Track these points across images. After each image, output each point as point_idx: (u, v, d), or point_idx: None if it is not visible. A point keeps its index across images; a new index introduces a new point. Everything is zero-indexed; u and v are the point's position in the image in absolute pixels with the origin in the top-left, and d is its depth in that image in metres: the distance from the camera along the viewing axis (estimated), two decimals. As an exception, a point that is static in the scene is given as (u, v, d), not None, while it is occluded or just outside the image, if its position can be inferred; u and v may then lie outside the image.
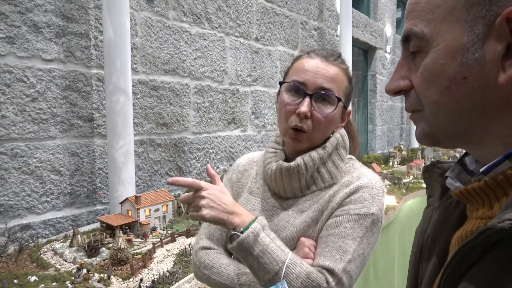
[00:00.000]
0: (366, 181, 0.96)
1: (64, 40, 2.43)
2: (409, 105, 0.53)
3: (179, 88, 3.23)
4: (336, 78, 0.96)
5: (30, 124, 2.30)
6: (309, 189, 0.99)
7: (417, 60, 0.50)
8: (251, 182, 1.10)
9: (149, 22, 2.96)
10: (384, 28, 7.34)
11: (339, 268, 0.86)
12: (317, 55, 0.99)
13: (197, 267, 1.01)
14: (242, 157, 1.18)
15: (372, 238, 0.93)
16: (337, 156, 1.01)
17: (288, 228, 0.96)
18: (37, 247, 1.92)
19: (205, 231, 1.07)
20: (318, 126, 0.96)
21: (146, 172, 3.00)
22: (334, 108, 0.96)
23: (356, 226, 0.91)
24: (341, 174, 1.00)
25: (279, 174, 0.98)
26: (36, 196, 2.35)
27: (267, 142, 4.28)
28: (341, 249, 0.88)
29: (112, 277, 1.53)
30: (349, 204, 0.93)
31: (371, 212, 0.93)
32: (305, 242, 0.93)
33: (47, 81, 2.36)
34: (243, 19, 3.87)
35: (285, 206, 1.01)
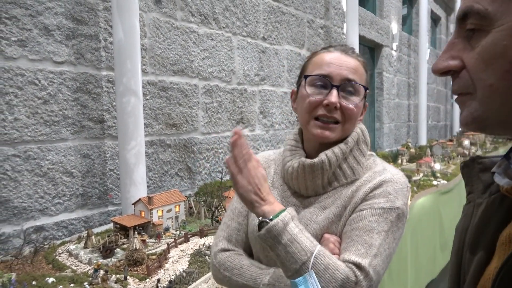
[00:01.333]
0: (390, 176, 0.95)
1: (74, 42, 2.44)
2: (458, 87, 0.50)
3: (187, 88, 3.23)
4: (358, 69, 0.97)
5: (42, 127, 2.31)
6: (330, 185, 0.98)
7: (474, 39, 0.47)
8: (270, 181, 1.08)
9: (157, 23, 2.97)
10: (390, 26, 7.30)
11: (366, 262, 0.84)
12: (336, 49, 0.99)
13: (217, 269, 0.99)
14: (257, 156, 1.16)
15: (398, 233, 0.92)
16: (359, 151, 1.00)
17: (311, 226, 0.95)
18: (52, 249, 1.93)
19: (224, 233, 1.05)
20: (350, 117, 0.95)
21: (156, 173, 3.01)
22: (362, 98, 0.97)
23: (381, 220, 0.89)
24: (363, 170, 0.98)
25: (301, 171, 0.97)
26: (49, 198, 2.36)
27: (275, 142, 4.28)
28: (366, 243, 0.87)
29: (128, 277, 1.54)
30: (373, 199, 0.92)
31: (396, 206, 0.91)
32: (330, 238, 0.92)
33: (58, 83, 2.38)
34: (250, 18, 3.86)
35: (306, 204, 0.99)
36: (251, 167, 0.87)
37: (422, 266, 3.32)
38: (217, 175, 3.53)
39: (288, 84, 4.48)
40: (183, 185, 3.24)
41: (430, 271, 3.60)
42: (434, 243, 3.68)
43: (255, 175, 0.87)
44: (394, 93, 7.65)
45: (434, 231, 3.66)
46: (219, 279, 1.00)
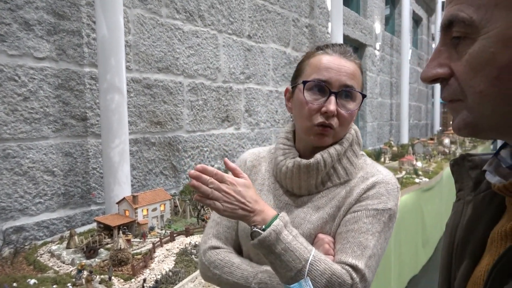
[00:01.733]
0: (382, 177, 0.97)
1: (56, 38, 2.38)
2: (447, 94, 0.50)
3: (172, 86, 3.20)
4: (356, 74, 0.97)
5: (22, 124, 2.25)
6: (324, 185, 0.98)
7: (461, 47, 0.47)
8: (261, 179, 1.08)
9: (142, 19, 2.92)
10: (374, 26, 7.40)
11: (362, 263, 0.86)
12: (335, 52, 0.98)
13: (206, 267, 0.98)
14: (246, 153, 1.15)
15: (388, 233, 0.94)
16: (352, 152, 1.01)
17: (305, 225, 0.95)
18: (33, 249, 1.88)
19: (213, 230, 1.04)
20: (344, 123, 0.96)
21: (140, 171, 2.97)
22: (359, 105, 0.98)
23: (375, 221, 0.91)
24: (355, 170, 1.00)
25: (296, 171, 0.97)
26: (29, 198, 2.30)
27: (260, 140, 4.28)
28: (361, 244, 0.88)
29: (113, 278, 1.51)
30: (366, 200, 0.93)
31: (388, 207, 0.93)
32: (324, 238, 0.92)
33: (39, 79, 2.31)
34: (235, 16, 3.85)
35: (299, 203, 0.99)
36: (226, 188, 0.84)
37: (405, 262, 3.38)
38: (202, 173, 3.50)
39: (274, 82, 4.49)
40: (168, 183, 3.20)
41: (412, 267, 3.67)
42: (416, 240, 3.75)
43: (234, 192, 0.84)
44: (377, 92, 7.76)
45: (417, 228, 3.73)
46: (208, 277, 0.99)
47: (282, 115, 4.67)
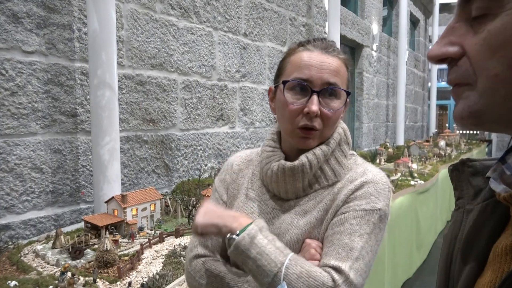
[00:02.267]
0: (371, 177, 0.91)
1: (45, 31, 2.32)
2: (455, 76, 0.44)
3: (166, 83, 3.14)
4: (339, 71, 0.91)
5: (9, 120, 2.19)
6: (311, 188, 0.93)
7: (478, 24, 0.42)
8: (247, 183, 1.03)
9: (135, 14, 2.86)
10: (371, 26, 7.37)
11: (345, 266, 0.80)
12: (316, 47, 0.92)
13: (192, 277, 0.94)
14: (234, 156, 1.11)
15: (380, 234, 0.89)
16: (340, 152, 0.96)
17: (292, 230, 0.90)
18: (17, 249, 1.82)
19: (199, 238, 0.98)
20: (328, 123, 0.91)
21: (132, 169, 2.91)
22: (343, 103, 0.92)
23: (363, 222, 0.86)
24: (344, 171, 0.95)
25: (281, 175, 0.92)
26: (15, 195, 2.24)
27: (255, 139, 4.23)
28: (347, 246, 0.83)
29: (98, 280, 1.46)
30: (354, 200, 0.88)
31: (378, 207, 0.88)
32: (311, 243, 0.88)
33: (27, 74, 2.25)
34: (231, 13, 3.80)
35: (286, 207, 0.94)
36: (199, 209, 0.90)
37: (399, 265, 3.35)
38: (195, 172, 3.45)
39: (269, 81, 4.44)
40: (160, 182, 3.15)
41: (406, 270, 3.64)
42: (411, 243, 3.73)
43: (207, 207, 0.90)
44: (373, 93, 7.74)
45: (411, 230, 3.71)
46: (193, 286, 0.94)
47: (278, 114, 4.63)
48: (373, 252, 0.86)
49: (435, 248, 4.56)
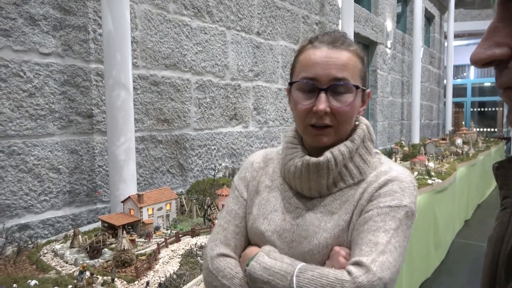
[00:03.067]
0: (396, 174, 0.89)
1: (61, 33, 2.34)
2: (507, 79, 0.42)
3: (180, 83, 3.15)
4: (348, 64, 0.88)
5: (28, 121, 2.22)
6: (336, 186, 0.91)
7: None
8: (268, 180, 1.01)
9: (149, 15, 2.88)
10: (385, 23, 7.27)
11: (367, 259, 0.77)
12: (322, 43, 0.90)
13: (213, 276, 0.91)
14: (254, 155, 1.09)
15: (407, 231, 0.84)
16: (364, 149, 0.93)
17: (320, 234, 0.87)
18: (37, 248, 1.84)
19: (220, 236, 0.96)
20: (342, 119, 0.88)
21: (147, 169, 2.92)
22: (354, 97, 0.88)
23: (388, 218, 0.82)
24: (369, 169, 0.92)
25: (305, 171, 0.89)
26: (34, 195, 2.27)
27: (269, 139, 4.22)
28: (371, 242, 0.79)
29: (116, 279, 1.46)
30: (378, 198, 0.85)
31: (403, 204, 0.84)
32: (340, 251, 0.84)
33: (44, 75, 2.28)
34: (244, 12, 3.79)
35: (310, 206, 0.92)
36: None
37: (416, 265, 3.29)
38: (210, 172, 3.45)
39: (283, 80, 4.41)
40: (175, 182, 3.16)
41: (424, 271, 3.58)
42: (428, 243, 3.66)
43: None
44: (388, 91, 7.63)
45: (429, 230, 3.64)
46: (213, 286, 0.91)
47: (291, 113, 4.59)
48: (402, 248, 0.82)
49: (453, 248, 4.47)
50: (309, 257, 0.86)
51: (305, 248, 0.87)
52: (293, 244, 0.89)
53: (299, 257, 0.87)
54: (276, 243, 0.91)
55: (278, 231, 0.92)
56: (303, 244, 0.88)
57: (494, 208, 6.25)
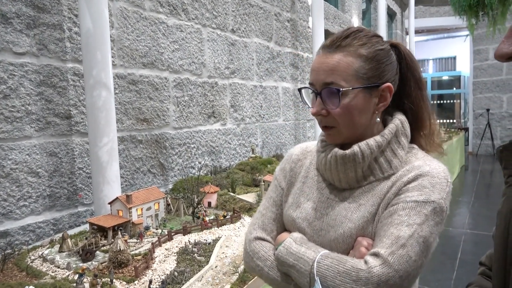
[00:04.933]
0: (428, 169, 0.87)
1: (36, 31, 2.26)
2: None
3: (158, 82, 3.11)
4: (337, 67, 0.89)
5: (3, 123, 2.12)
6: (366, 179, 0.92)
7: None
8: (305, 171, 1.06)
9: (125, 13, 2.82)
10: (352, 20, 7.48)
11: (386, 251, 0.78)
12: (322, 48, 0.94)
13: (250, 257, 0.99)
14: (295, 147, 1.14)
15: (435, 228, 0.82)
16: (397, 144, 0.93)
17: (346, 224, 0.90)
18: (22, 255, 1.78)
19: (258, 221, 1.05)
20: (341, 119, 0.91)
21: (128, 170, 2.87)
22: (351, 98, 0.89)
23: (413, 213, 0.81)
24: (401, 164, 0.92)
25: (334, 163, 0.93)
26: (12, 201, 2.18)
27: (246, 136, 4.24)
28: (393, 235, 0.80)
29: (114, 280, 1.45)
30: (406, 192, 0.85)
31: (431, 199, 0.83)
32: (362, 241, 0.86)
33: (19, 76, 2.19)
34: (219, 10, 3.78)
35: (340, 198, 0.95)
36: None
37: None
38: (190, 170, 3.44)
39: (258, 77, 4.45)
40: (156, 182, 3.12)
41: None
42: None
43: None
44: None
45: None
46: (250, 267, 0.99)
47: (267, 110, 4.65)
48: (427, 243, 0.80)
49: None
50: (335, 245, 0.90)
51: (331, 236, 0.91)
52: (322, 232, 0.94)
53: (326, 245, 0.91)
54: (306, 230, 0.96)
55: (308, 219, 0.97)
56: (330, 232, 0.92)
57: (458, 195, 6.62)
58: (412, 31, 10.99)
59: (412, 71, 0.98)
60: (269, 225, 1.03)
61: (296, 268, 0.86)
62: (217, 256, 1.68)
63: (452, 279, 3.45)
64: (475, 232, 4.77)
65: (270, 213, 1.05)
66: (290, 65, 5.17)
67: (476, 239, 4.53)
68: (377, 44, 0.93)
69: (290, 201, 1.03)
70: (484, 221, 5.17)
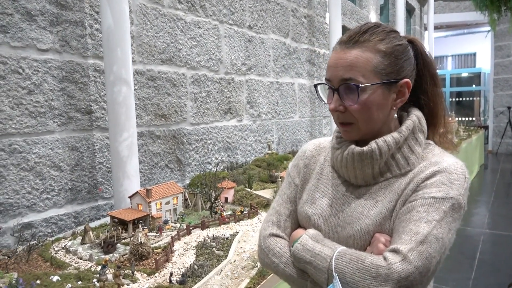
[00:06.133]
0: (446, 166, 0.87)
1: (59, 28, 2.31)
2: None
3: (176, 78, 3.14)
4: (355, 62, 0.88)
5: (28, 118, 2.19)
6: (382, 176, 0.92)
7: None
8: (319, 168, 1.05)
9: (144, 9, 2.85)
10: (369, 15, 7.38)
11: (405, 248, 0.77)
12: (339, 44, 0.93)
13: (265, 253, 0.99)
14: (308, 143, 1.14)
15: (453, 224, 0.82)
16: (414, 140, 0.92)
17: (363, 220, 0.89)
18: (46, 246, 1.83)
19: (273, 217, 1.04)
20: (359, 116, 0.90)
21: (146, 165, 2.92)
22: (369, 94, 0.88)
23: (432, 209, 0.81)
24: (418, 160, 0.91)
25: (350, 159, 0.92)
26: (36, 193, 2.25)
27: (262, 132, 4.25)
28: (411, 231, 0.80)
29: (135, 272, 1.48)
30: (424, 189, 0.85)
31: (449, 196, 0.82)
32: (380, 237, 0.86)
33: (43, 72, 2.24)
34: (236, 6, 3.79)
35: (356, 194, 0.94)
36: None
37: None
38: (206, 166, 3.47)
39: (274, 73, 4.45)
40: (173, 177, 3.16)
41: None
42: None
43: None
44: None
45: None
46: (265, 263, 1.00)
47: (283, 106, 4.64)
48: (445, 240, 0.81)
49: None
50: (352, 242, 0.90)
51: (348, 233, 0.91)
52: (338, 228, 0.93)
53: (342, 241, 0.90)
54: (322, 227, 0.95)
55: (324, 216, 0.96)
56: (347, 229, 0.91)
57: (477, 195, 6.49)
58: (431, 27, 10.78)
59: (428, 67, 0.97)
60: (283, 221, 1.03)
61: (313, 264, 0.86)
62: (235, 250, 1.70)
63: (471, 279, 3.39)
64: (494, 232, 4.67)
65: (284, 209, 1.05)
66: (306, 62, 5.15)
67: (495, 239, 4.44)
68: (395, 39, 0.93)
69: (304, 198, 1.03)
70: (504, 221, 5.06)
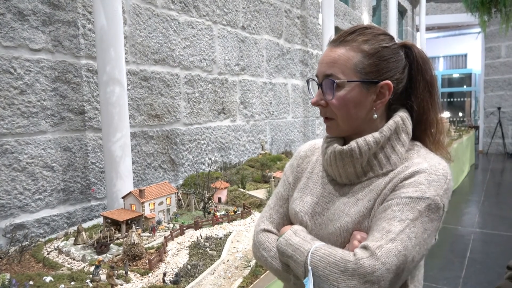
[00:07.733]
0: (426, 166, 0.88)
1: (51, 28, 2.30)
2: None
3: (169, 78, 3.14)
4: (337, 60, 0.91)
5: (20, 118, 2.17)
6: (366, 175, 0.94)
7: None
8: (311, 167, 1.09)
9: (138, 10, 2.85)
10: (362, 17, 7.43)
11: (374, 244, 0.79)
12: (329, 43, 0.98)
13: (256, 248, 1.04)
14: (304, 144, 1.18)
15: (430, 224, 0.83)
16: (397, 140, 0.93)
17: (343, 218, 0.92)
18: (38, 247, 1.82)
19: (266, 214, 1.10)
20: (338, 111, 0.93)
21: (139, 165, 2.92)
22: (347, 91, 0.91)
23: (406, 209, 0.82)
24: (400, 160, 0.93)
25: (333, 158, 0.96)
26: (28, 194, 2.23)
27: (255, 132, 4.26)
28: (384, 229, 0.81)
29: (129, 272, 1.48)
30: (401, 188, 0.86)
31: (426, 196, 0.83)
32: (356, 235, 0.89)
33: (35, 72, 2.23)
34: (229, 7, 3.80)
35: (341, 193, 0.97)
36: None
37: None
38: (200, 166, 3.47)
39: (267, 74, 4.47)
40: (167, 177, 3.16)
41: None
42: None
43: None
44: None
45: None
46: (257, 257, 1.04)
47: (276, 107, 4.66)
48: (420, 239, 0.81)
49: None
50: (333, 238, 0.93)
51: (330, 230, 0.94)
52: (322, 226, 0.97)
53: (325, 238, 0.94)
54: (308, 223, 1.00)
55: (310, 213, 1.00)
56: (329, 226, 0.95)
57: (467, 194, 6.58)
58: (423, 28, 10.88)
59: (423, 73, 0.97)
60: (275, 218, 1.08)
61: (293, 258, 0.90)
62: (229, 250, 1.71)
63: (461, 278, 3.44)
64: (484, 231, 4.74)
65: (277, 207, 1.10)
66: (299, 62, 5.17)
67: (485, 238, 4.50)
68: (383, 41, 0.94)
69: (295, 196, 1.07)
70: (494, 220, 5.13)
